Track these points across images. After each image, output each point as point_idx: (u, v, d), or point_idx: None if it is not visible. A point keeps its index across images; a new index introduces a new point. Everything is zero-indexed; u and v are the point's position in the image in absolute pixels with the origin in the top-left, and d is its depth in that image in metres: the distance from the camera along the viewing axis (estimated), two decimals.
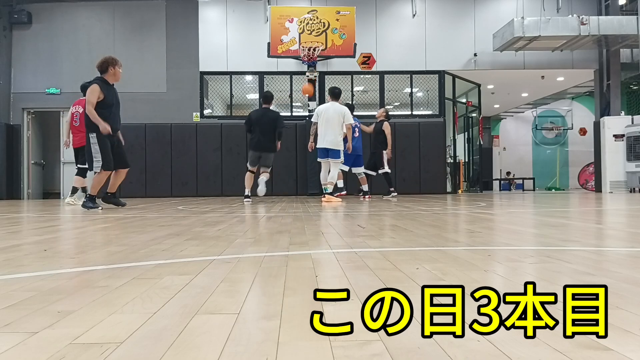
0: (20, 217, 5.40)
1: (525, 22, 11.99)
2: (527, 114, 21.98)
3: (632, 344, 0.91)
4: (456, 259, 1.95)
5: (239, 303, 1.26)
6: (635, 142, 12.93)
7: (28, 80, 13.40)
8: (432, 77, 13.68)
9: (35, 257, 2.15)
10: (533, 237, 2.93)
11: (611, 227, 3.56)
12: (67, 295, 1.38)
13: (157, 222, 4.09)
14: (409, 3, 13.64)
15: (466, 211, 5.39)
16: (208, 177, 13.07)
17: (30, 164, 13.61)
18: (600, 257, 2.01)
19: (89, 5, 13.55)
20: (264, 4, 13.37)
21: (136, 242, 2.66)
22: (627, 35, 12.23)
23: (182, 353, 0.89)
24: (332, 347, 0.90)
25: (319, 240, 2.67)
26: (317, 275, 1.64)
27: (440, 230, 3.21)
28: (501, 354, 0.86)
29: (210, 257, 2.06)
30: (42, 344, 0.95)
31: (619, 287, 1.39)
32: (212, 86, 13.90)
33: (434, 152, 13.32)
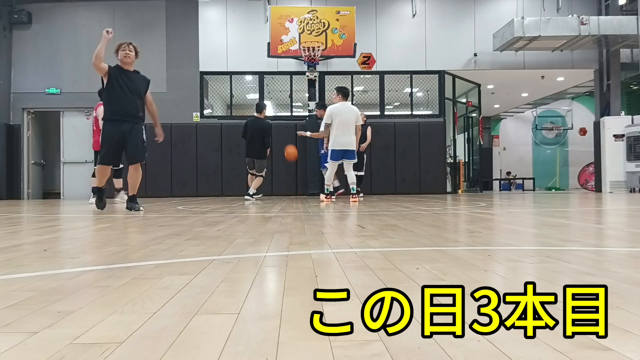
0: (20, 217, 5.40)
1: (525, 22, 11.99)
2: (527, 114, 21.98)
3: (632, 344, 0.91)
4: (456, 259, 1.95)
5: (239, 303, 1.26)
6: (635, 142, 12.93)
7: (28, 80, 13.39)
8: (432, 77, 13.68)
9: (35, 257, 2.15)
10: (533, 237, 2.93)
11: (611, 227, 3.56)
12: (67, 295, 1.38)
13: (157, 222, 4.09)
14: (409, 3, 13.64)
15: (466, 211, 5.39)
16: (208, 177, 13.06)
17: (30, 164, 13.61)
18: (600, 257, 2.01)
19: (89, 5, 13.55)
20: (264, 4, 13.36)
21: (136, 242, 2.66)
22: (627, 35, 12.23)
23: (182, 353, 0.89)
24: (332, 347, 0.90)
25: (319, 240, 2.67)
26: (317, 275, 1.64)
27: (440, 230, 3.21)
28: (501, 354, 0.86)
29: (210, 257, 2.06)
30: (42, 344, 0.95)
31: (619, 287, 1.39)
32: (212, 86, 13.90)
33: (434, 152, 13.32)
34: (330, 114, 8.06)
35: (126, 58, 5.74)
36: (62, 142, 13.57)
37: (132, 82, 5.76)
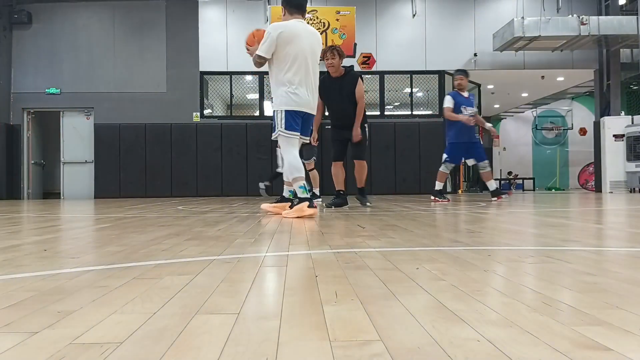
0: (20, 217, 5.40)
1: (525, 22, 11.99)
2: (527, 114, 21.98)
3: (632, 344, 0.91)
4: (456, 259, 1.95)
5: (239, 303, 1.26)
6: (635, 142, 12.92)
7: (28, 80, 13.40)
8: (432, 77, 13.68)
9: (35, 257, 2.15)
10: (533, 237, 2.93)
11: (611, 227, 3.56)
12: (67, 295, 1.38)
13: (157, 222, 4.09)
14: (409, 3, 13.64)
15: (466, 211, 5.39)
16: (208, 177, 13.07)
17: (30, 164, 13.61)
18: (600, 257, 2.01)
19: (89, 5, 13.55)
20: (264, 4, 13.37)
21: (136, 242, 2.66)
22: (627, 35, 12.22)
23: (182, 353, 0.89)
24: (332, 347, 0.90)
25: (319, 240, 2.66)
26: (317, 275, 1.64)
27: (440, 230, 3.21)
28: (501, 354, 0.85)
29: (210, 257, 2.06)
30: (42, 344, 0.95)
31: (619, 287, 1.39)
32: (212, 86, 13.90)
33: (434, 152, 13.31)
34: (277, 36, 4.63)
35: (329, 67, 6.01)
36: (62, 142, 13.57)
37: (338, 87, 6.05)
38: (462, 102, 7.91)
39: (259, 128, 13.23)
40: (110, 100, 13.25)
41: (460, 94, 7.97)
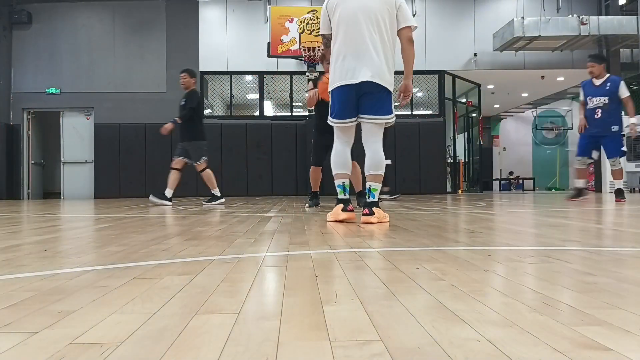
0: (20, 217, 5.40)
1: (525, 22, 11.99)
2: (527, 114, 21.99)
3: (632, 344, 0.91)
4: (456, 259, 1.95)
5: (239, 303, 1.26)
6: (635, 142, 12.92)
7: (28, 80, 13.40)
8: (432, 77, 13.68)
9: (35, 257, 2.14)
10: (533, 237, 2.93)
11: (611, 227, 3.56)
12: (67, 295, 1.38)
13: (157, 222, 4.09)
14: (409, 3, 13.64)
15: (466, 211, 5.39)
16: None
17: (30, 164, 13.62)
18: (600, 257, 2.00)
19: (89, 5, 13.55)
20: (264, 4, 13.37)
21: (136, 242, 2.66)
22: (627, 35, 12.23)
23: (182, 353, 0.89)
24: (332, 347, 0.90)
25: (319, 240, 2.66)
26: (317, 275, 1.64)
27: (440, 230, 3.21)
28: (501, 354, 0.85)
29: (210, 257, 2.06)
30: (42, 344, 0.95)
31: (619, 287, 1.39)
32: (212, 86, 13.90)
33: (434, 152, 13.32)
34: (325, 6, 4.21)
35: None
36: (62, 142, 13.57)
37: None
38: (588, 92, 7.16)
39: (259, 128, 13.23)
40: (110, 100, 13.25)
41: (592, 83, 7.16)
